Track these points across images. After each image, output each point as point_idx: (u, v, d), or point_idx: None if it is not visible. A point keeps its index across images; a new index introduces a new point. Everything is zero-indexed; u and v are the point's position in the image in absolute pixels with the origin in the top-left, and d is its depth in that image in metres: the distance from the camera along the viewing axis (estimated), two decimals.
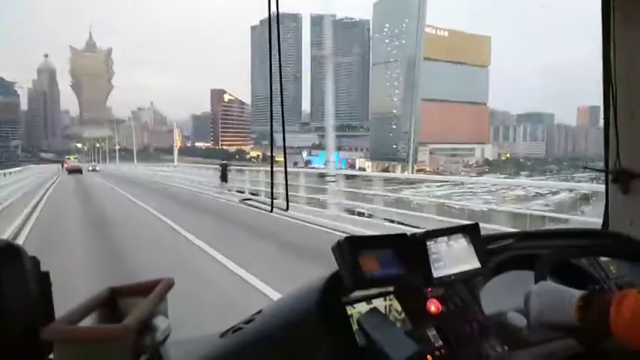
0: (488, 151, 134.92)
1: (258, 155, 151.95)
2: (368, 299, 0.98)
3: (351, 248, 0.94)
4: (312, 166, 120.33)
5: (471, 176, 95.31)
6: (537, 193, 50.64)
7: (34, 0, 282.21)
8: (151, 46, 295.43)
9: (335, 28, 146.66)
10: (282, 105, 1.15)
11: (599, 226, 1.79)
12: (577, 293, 0.95)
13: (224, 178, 20.13)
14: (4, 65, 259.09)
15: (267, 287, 5.30)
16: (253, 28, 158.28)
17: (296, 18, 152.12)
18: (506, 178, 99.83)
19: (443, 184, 44.80)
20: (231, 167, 21.67)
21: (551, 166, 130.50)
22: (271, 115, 1.29)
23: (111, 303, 0.80)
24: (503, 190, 47.24)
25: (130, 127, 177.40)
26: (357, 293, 0.96)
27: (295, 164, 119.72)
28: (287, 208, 1.25)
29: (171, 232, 9.71)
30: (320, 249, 5.21)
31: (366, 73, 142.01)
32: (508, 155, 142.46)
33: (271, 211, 1.14)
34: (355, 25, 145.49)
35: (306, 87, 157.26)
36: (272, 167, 1.28)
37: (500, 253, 1.27)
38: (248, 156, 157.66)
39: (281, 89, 1.18)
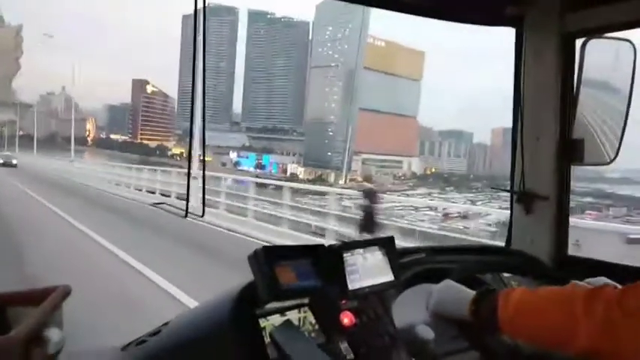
0: (415, 164, 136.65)
1: (182, 152, 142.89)
2: (282, 311, 0.97)
3: (267, 258, 0.92)
4: (241, 168, 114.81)
5: (403, 191, 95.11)
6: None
7: None
8: (70, 28, 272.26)
9: (273, 27, 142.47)
10: (203, 101, 1.04)
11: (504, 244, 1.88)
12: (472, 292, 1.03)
13: None
14: None
15: None
16: (185, 17, 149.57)
17: (232, 11, 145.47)
18: (439, 193, 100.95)
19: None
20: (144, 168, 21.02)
21: (474, 183, 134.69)
22: (192, 112, 1.22)
23: None
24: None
25: (37, 112, 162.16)
26: (272, 305, 0.94)
27: (223, 165, 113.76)
28: (203, 214, 1.19)
29: None
30: None
31: (303, 76, 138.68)
32: (433, 170, 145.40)
33: (185, 216, 1.12)
34: (294, 25, 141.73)
35: (239, 85, 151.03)
36: (189, 167, 1.21)
37: (412, 266, 1.30)
38: (170, 152, 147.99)
39: (203, 85, 1.12)
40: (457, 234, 10.57)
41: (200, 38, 1.05)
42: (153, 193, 17.82)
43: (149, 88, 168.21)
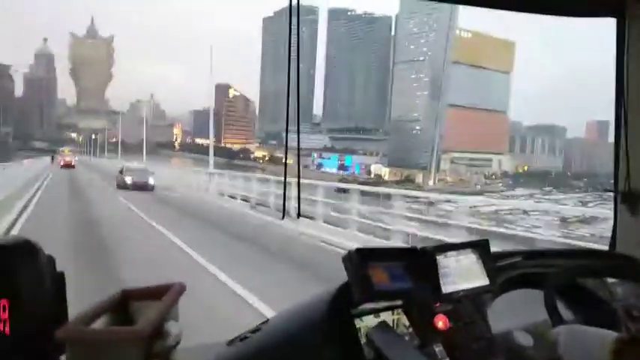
0: (505, 162, 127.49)
1: (264, 156, 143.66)
2: (376, 312, 0.98)
3: (361, 260, 0.94)
4: (324, 170, 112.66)
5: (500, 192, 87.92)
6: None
7: None
8: (154, 38, 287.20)
9: (353, 24, 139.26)
10: (297, 105, 1.10)
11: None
12: (607, 335, 0.94)
13: None
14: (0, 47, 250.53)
15: None
16: (266, 20, 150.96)
17: (312, 10, 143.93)
18: (543, 194, 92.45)
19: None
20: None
21: (575, 182, 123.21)
22: (287, 114, 1.24)
23: (122, 306, 0.80)
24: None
25: (127, 119, 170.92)
26: (366, 306, 0.96)
27: (305, 167, 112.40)
28: (298, 216, 1.25)
29: None
30: None
31: (385, 73, 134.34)
32: (525, 168, 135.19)
33: (283, 218, 1.19)
34: (375, 20, 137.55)
35: (319, 85, 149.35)
36: (285, 172, 1.25)
37: (508, 270, 1.28)
38: (253, 155, 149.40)
39: (298, 87, 1.13)
40: (586, 242, 9.13)
41: (294, 39, 1.06)
42: (246, 201, 16.88)
43: (231, 93, 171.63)
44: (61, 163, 57.18)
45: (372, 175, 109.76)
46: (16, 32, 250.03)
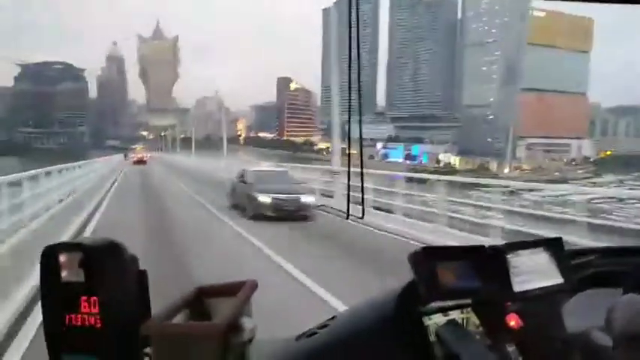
0: (586, 147, 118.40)
1: (328, 147, 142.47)
2: (444, 311, 0.98)
3: (427, 258, 0.94)
4: (389, 160, 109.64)
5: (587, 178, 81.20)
6: None
7: None
8: (215, 34, 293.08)
9: (416, 9, 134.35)
10: (359, 95, 1.07)
11: None
12: None
13: None
14: (74, 51, 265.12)
15: None
16: (325, 10, 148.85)
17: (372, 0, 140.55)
18: (633, 180, 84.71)
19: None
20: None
21: None
22: (350, 105, 1.21)
23: (198, 302, 0.83)
24: None
25: (194, 116, 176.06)
26: (434, 304, 0.95)
27: (371, 158, 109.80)
28: (362, 216, 1.21)
29: None
30: None
31: (451, 58, 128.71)
32: (608, 152, 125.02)
33: (347, 217, 1.11)
34: (439, 3, 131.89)
35: (382, 73, 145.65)
36: (349, 167, 1.21)
37: (583, 269, 1.23)
38: (316, 147, 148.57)
39: (359, 77, 1.12)
40: None
41: (354, 30, 1.06)
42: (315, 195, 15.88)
43: (292, 86, 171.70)
44: (134, 160, 58.80)
45: (442, 165, 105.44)
46: (88, 37, 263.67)
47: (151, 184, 23.76)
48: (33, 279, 5.59)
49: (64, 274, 0.71)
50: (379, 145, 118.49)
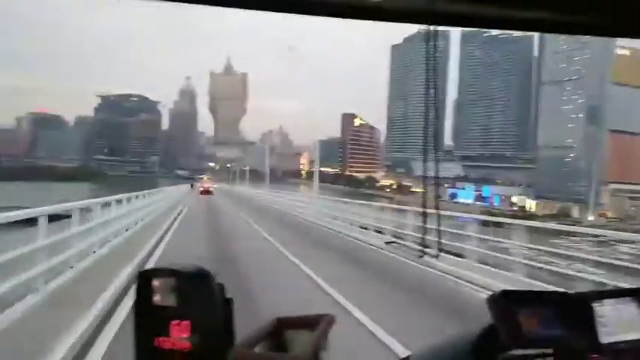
0: None
1: (391, 184, 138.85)
2: (525, 359, 0.92)
3: (508, 302, 0.90)
4: (457, 200, 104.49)
5: None
6: None
7: (180, 25, 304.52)
8: (282, 71, 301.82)
9: (489, 46, 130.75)
10: (436, 133, 1.07)
11: None
12: None
13: None
14: (149, 85, 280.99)
15: None
16: (394, 47, 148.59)
17: (445, 36, 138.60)
18: None
19: None
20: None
21: None
22: (425, 142, 1.23)
23: (277, 333, 0.83)
24: None
25: (260, 149, 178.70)
26: (514, 352, 0.90)
27: (437, 198, 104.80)
28: (437, 255, 1.14)
29: None
30: None
31: (526, 96, 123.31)
32: None
33: (421, 256, 1.07)
34: (514, 40, 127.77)
35: (450, 111, 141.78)
36: (425, 204, 1.21)
37: None
38: (378, 184, 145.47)
39: (437, 114, 1.12)
40: None
41: (431, 65, 1.09)
42: (380, 232, 15.43)
43: (356, 121, 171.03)
44: (200, 190, 59.25)
45: (516, 208, 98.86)
46: (162, 71, 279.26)
47: (218, 221, 21.88)
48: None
49: (156, 297, 0.74)
50: (447, 185, 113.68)
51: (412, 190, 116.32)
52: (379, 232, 15.32)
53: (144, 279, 0.75)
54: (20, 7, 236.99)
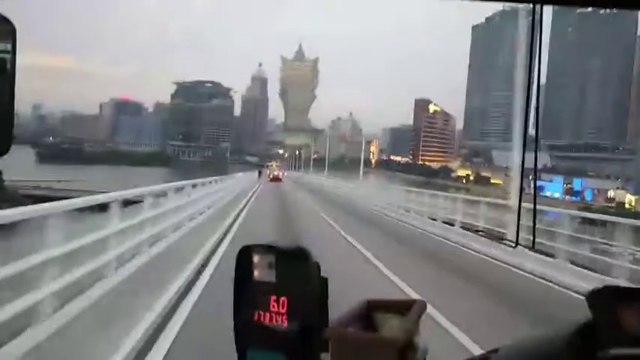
0: None
1: (468, 175, 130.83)
2: (626, 359, 0.87)
3: (609, 298, 0.87)
4: (543, 194, 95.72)
5: None
6: None
7: (253, 12, 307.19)
8: (352, 55, 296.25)
9: (585, 24, 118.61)
10: (537, 119, 0.99)
11: None
12: None
13: None
14: (222, 71, 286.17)
15: None
16: (475, 27, 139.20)
17: (529, 13, 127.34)
18: None
19: None
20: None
21: None
22: (525, 129, 1.06)
23: (367, 316, 0.84)
24: None
25: (328, 137, 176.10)
26: (614, 351, 0.85)
27: (522, 190, 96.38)
28: (533, 245, 1.09)
29: None
30: None
31: (626, 79, 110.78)
32: None
33: (515, 246, 1.05)
34: (615, 18, 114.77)
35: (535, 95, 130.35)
36: (521, 194, 1.17)
37: None
38: (454, 174, 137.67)
39: (537, 97, 1.02)
40: None
41: (536, 49, 0.94)
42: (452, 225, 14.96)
43: (431, 108, 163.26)
44: (270, 177, 58.79)
45: (612, 204, 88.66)
46: (235, 58, 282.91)
47: (290, 214, 19.42)
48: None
49: (256, 273, 0.76)
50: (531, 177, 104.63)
51: (492, 181, 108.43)
52: (465, 228, 14.33)
53: (244, 254, 0.77)
54: None
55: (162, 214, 9.42)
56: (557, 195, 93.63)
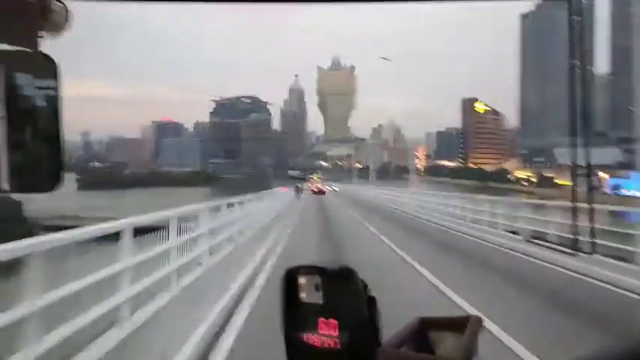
0: None
1: (529, 176, 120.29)
2: None
3: None
4: (618, 192, 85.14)
5: None
6: None
7: (289, 23, 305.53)
8: (391, 57, 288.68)
9: None
10: (584, 114, 0.73)
11: None
12: None
13: None
14: (259, 85, 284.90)
15: None
16: (524, 16, 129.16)
17: None
18: None
19: None
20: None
21: None
22: (577, 130, 0.87)
23: (421, 334, 0.81)
24: None
25: (370, 146, 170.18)
26: None
27: (591, 189, 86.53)
28: (592, 251, 1.00)
29: None
30: None
31: None
32: None
33: (574, 254, 0.93)
34: None
35: (600, 82, 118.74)
36: (574, 196, 1.00)
37: None
38: (511, 177, 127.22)
39: (583, 90, 0.68)
40: None
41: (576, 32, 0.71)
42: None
43: (479, 107, 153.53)
44: (312, 190, 55.97)
45: None
46: (271, 71, 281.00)
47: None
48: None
49: (302, 295, 0.74)
50: (603, 174, 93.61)
51: (556, 182, 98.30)
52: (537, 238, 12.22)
53: (290, 276, 0.75)
54: (123, 19, 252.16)
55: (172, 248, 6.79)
56: (638, 194, 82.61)
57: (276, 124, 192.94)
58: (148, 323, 5.41)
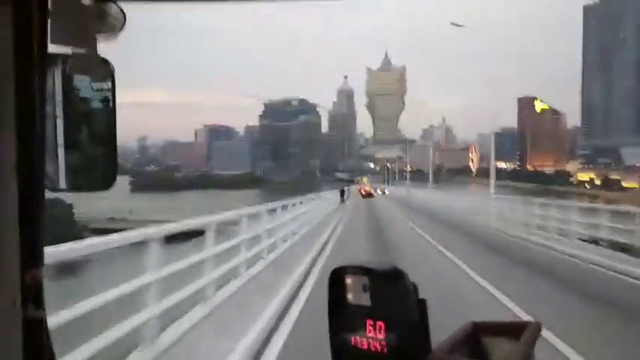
0: None
1: (592, 179, 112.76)
2: None
3: None
4: None
5: None
6: None
7: (336, 24, 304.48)
8: (440, 57, 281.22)
9: None
10: None
11: None
12: None
13: None
14: (308, 87, 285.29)
15: None
16: (588, 8, 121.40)
17: None
18: None
19: None
20: None
21: None
22: None
23: (474, 339, 0.79)
24: None
25: (420, 147, 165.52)
26: None
27: None
28: None
29: None
30: None
31: None
32: None
33: None
34: None
35: None
36: None
37: None
38: (572, 179, 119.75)
39: None
40: None
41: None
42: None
43: (538, 106, 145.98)
44: (361, 193, 55.44)
45: None
46: (320, 73, 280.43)
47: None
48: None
49: (350, 296, 0.72)
50: None
51: (625, 184, 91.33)
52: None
53: (337, 276, 0.73)
54: (172, 24, 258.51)
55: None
56: None
57: (324, 126, 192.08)
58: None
